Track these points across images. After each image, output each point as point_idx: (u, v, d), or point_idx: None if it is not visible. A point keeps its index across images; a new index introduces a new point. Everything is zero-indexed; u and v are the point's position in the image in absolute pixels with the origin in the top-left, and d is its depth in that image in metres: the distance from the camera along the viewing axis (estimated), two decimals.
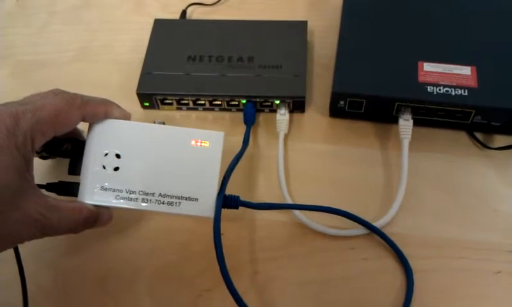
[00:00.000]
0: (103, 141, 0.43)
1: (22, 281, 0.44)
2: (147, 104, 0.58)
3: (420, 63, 0.53)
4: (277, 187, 0.51)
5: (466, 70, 0.52)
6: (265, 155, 0.55)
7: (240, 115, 0.57)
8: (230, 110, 0.58)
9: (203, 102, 0.57)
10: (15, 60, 0.66)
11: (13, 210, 0.36)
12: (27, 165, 0.37)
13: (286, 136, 0.56)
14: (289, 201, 0.50)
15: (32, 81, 0.63)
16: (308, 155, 0.54)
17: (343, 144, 0.55)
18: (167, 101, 0.58)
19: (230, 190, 0.45)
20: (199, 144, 0.43)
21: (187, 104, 0.58)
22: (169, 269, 0.48)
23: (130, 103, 0.57)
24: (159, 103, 0.58)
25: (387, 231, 0.48)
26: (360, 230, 0.48)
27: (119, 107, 0.44)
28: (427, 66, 0.53)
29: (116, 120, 0.43)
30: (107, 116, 0.43)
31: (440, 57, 0.53)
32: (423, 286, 0.45)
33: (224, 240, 0.42)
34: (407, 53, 0.54)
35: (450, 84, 0.51)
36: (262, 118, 0.58)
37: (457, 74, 0.52)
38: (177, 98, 0.57)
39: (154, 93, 0.57)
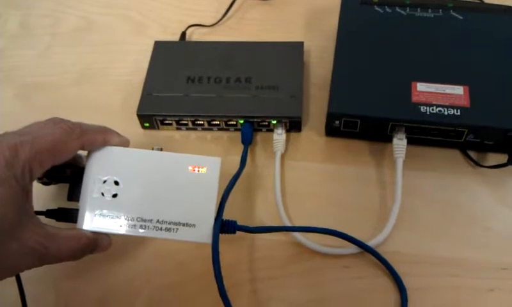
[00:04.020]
0: (101, 168, 0.44)
1: (22, 302, 0.45)
2: (147, 125, 0.59)
3: (413, 83, 0.54)
4: (274, 206, 0.52)
5: (458, 90, 0.53)
6: (262, 174, 0.56)
7: (238, 134, 0.58)
8: (228, 130, 0.59)
9: (201, 122, 0.58)
10: (19, 82, 0.67)
11: (12, 240, 0.37)
12: (26, 196, 0.38)
13: (283, 155, 0.57)
14: (286, 220, 0.51)
15: (35, 103, 0.64)
16: (304, 174, 0.55)
17: (339, 163, 0.56)
18: (167, 122, 0.59)
19: (227, 210, 0.46)
20: (196, 170, 0.44)
21: (186, 124, 0.59)
22: (169, 289, 0.49)
23: (131, 123, 0.59)
24: (159, 123, 0.59)
25: (382, 249, 0.49)
26: (355, 249, 0.49)
27: (118, 134, 0.45)
28: (421, 86, 0.53)
29: (114, 147, 0.44)
30: (105, 144, 0.44)
31: (432, 77, 0.54)
32: (417, 305, 0.46)
33: (222, 259, 0.43)
34: (401, 73, 0.55)
35: (443, 103, 0.52)
36: (259, 137, 0.59)
37: (450, 94, 0.53)
38: (177, 118, 0.58)
39: (154, 114, 0.58)
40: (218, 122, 0.58)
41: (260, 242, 0.51)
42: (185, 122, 0.59)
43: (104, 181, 0.43)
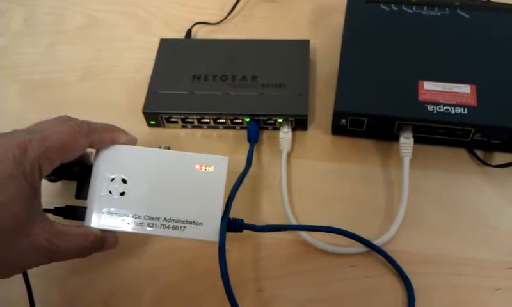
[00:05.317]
0: (109, 166, 0.44)
1: (30, 299, 0.45)
2: (153, 123, 0.59)
3: (420, 82, 0.54)
4: (280, 204, 0.52)
5: (465, 89, 0.53)
6: (268, 173, 0.56)
7: (244, 132, 0.58)
8: (234, 128, 0.59)
9: (207, 120, 0.58)
10: (23, 79, 0.67)
11: (21, 238, 0.37)
12: (34, 194, 0.38)
13: (289, 154, 0.56)
14: (292, 219, 0.51)
15: (40, 100, 0.64)
16: (310, 173, 0.55)
17: (345, 162, 0.56)
18: (172, 119, 0.59)
19: (233, 208, 0.46)
20: (204, 168, 0.44)
21: (192, 122, 0.59)
22: (175, 288, 0.49)
23: (136, 121, 0.59)
24: (165, 121, 0.59)
25: (389, 248, 0.49)
26: (362, 248, 0.49)
27: (125, 132, 0.45)
28: (428, 85, 0.53)
29: (122, 145, 0.44)
30: (113, 142, 0.44)
31: (439, 76, 0.54)
32: (424, 304, 0.46)
33: (228, 257, 0.43)
34: (407, 72, 0.55)
35: (450, 102, 0.52)
36: (265, 135, 0.58)
37: (457, 92, 0.53)
38: (182, 116, 0.58)
39: (160, 112, 0.58)
40: (224, 120, 0.58)
41: (266, 240, 0.51)
42: (191, 120, 0.58)
43: (112, 179, 0.43)
